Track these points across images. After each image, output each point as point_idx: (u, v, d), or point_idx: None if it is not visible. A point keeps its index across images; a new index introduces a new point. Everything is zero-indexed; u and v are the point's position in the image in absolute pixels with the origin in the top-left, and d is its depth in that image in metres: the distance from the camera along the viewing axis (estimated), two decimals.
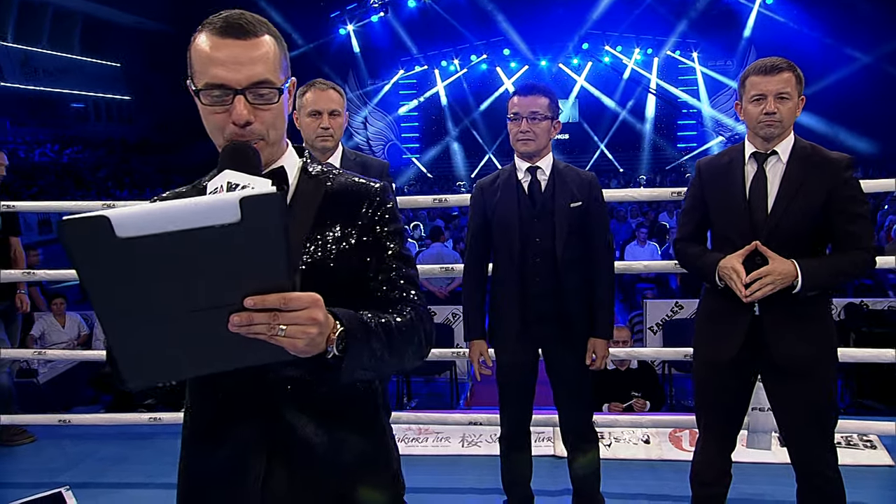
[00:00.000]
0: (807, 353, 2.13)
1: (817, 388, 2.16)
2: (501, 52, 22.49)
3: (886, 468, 3.13)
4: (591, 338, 2.53)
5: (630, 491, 2.99)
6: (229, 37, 1.15)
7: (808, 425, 2.18)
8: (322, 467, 1.24)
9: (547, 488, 2.94)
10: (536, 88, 2.47)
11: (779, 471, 3.03)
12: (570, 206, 2.45)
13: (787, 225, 2.09)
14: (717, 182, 2.23)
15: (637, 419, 3.39)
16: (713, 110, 21.88)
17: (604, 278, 2.53)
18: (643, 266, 3.64)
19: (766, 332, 2.14)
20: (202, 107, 1.18)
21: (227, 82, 1.14)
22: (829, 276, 2.09)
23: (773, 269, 2.03)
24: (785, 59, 2.12)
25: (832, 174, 2.08)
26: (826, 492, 2.21)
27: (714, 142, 21.67)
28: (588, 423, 2.63)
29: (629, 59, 22.06)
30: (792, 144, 2.14)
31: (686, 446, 3.31)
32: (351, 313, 1.10)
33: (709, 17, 20.19)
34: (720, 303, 2.22)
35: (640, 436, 3.39)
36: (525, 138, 2.43)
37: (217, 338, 0.98)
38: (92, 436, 3.77)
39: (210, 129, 1.20)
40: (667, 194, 3.05)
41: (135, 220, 0.89)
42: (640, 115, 22.84)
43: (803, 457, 2.22)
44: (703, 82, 21.92)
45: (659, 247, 8.68)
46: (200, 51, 1.17)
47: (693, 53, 21.65)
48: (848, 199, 2.08)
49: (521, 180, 2.50)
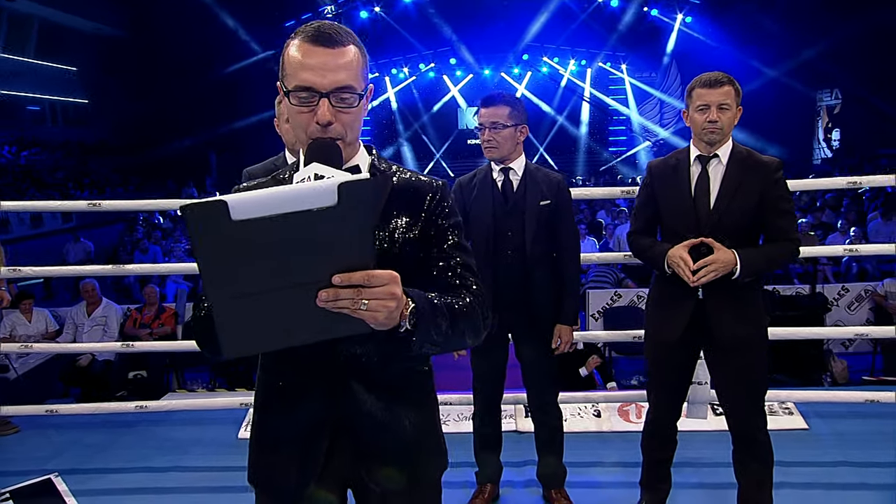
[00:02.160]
0: (743, 332, 2.28)
1: (752, 363, 2.31)
2: (448, 61, 22.53)
3: (802, 431, 3.36)
4: (558, 324, 2.61)
5: (585, 460, 3.12)
6: (319, 45, 1.20)
7: (745, 395, 2.33)
8: (383, 439, 1.29)
9: (513, 460, 3.04)
10: (496, 99, 2.52)
11: (714, 436, 3.22)
12: (539, 205, 2.52)
13: (727, 220, 2.23)
14: (666, 181, 2.35)
15: (590, 395, 3.53)
16: (640, 117, 22.47)
17: (570, 271, 2.62)
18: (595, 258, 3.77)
19: (708, 315, 2.27)
20: (290, 106, 1.23)
21: (315, 86, 1.19)
22: (763, 264, 2.24)
23: (717, 258, 2.17)
24: (726, 74, 2.27)
25: (765, 175, 2.23)
26: (757, 452, 2.37)
27: (641, 146, 22.26)
28: (554, 401, 2.73)
29: (565, 69, 22.43)
30: (731, 149, 2.28)
31: (633, 419, 3.47)
32: (421, 293, 1.15)
33: (636, 33, 20.71)
34: (668, 289, 2.35)
35: (592, 410, 3.54)
36: (489, 146, 2.51)
37: (304, 312, 1.03)
38: (75, 425, 3.68)
39: (294, 127, 1.24)
40: (617, 193, 3.18)
41: (247, 203, 0.94)
42: (576, 120, 23.27)
43: (739, 422, 2.37)
44: (632, 92, 22.49)
45: (597, 241, 8.91)
46: (293, 56, 1.22)
47: (622, 65, 22.18)
48: (777, 198, 2.23)
49: (495, 179, 2.57)
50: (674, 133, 21.37)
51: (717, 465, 2.96)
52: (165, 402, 3.52)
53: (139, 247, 10.63)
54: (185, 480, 3.08)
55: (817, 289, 6.76)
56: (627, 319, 6.24)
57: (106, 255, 11.95)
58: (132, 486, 3.05)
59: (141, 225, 13.12)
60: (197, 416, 3.69)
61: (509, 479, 2.93)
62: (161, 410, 3.50)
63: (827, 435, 3.30)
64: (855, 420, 3.40)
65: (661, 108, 22.19)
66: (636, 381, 6.12)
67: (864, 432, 3.28)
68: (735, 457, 2.43)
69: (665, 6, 19.67)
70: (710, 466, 2.99)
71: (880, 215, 9.80)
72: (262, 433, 1.35)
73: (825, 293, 6.88)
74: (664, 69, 21.70)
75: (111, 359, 6.13)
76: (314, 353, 1.22)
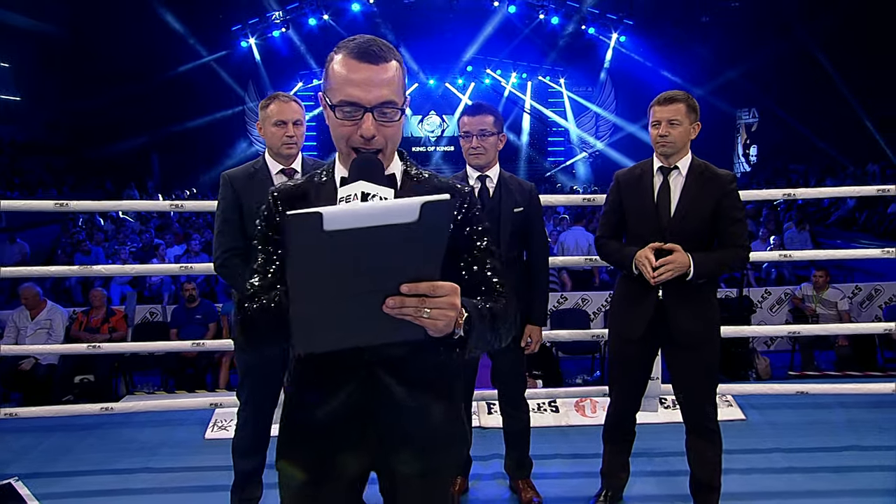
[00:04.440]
0: (698, 329, 2.42)
1: (706, 357, 2.46)
2: None
3: (740, 421, 3.58)
4: (528, 324, 2.68)
5: (546, 453, 3.21)
6: (364, 61, 1.23)
7: (699, 387, 2.48)
8: (410, 428, 1.34)
9: (479, 454, 3.11)
10: (483, 108, 2.59)
11: (664, 428, 3.39)
12: (513, 212, 2.58)
13: (686, 226, 2.37)
14: (631, 190, 2.48)
15: (549, 391, 3.64)
16: (578, 129, 23.10)
17: (541, 274, 2.70)
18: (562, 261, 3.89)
19: (668, 313, 2.41)
20: (334, 119, 1.26)
21: (360, 101, 1.23)
22: (714, 267, 2.38)
23: (674, 259, 2.30)
24: (682, 92, 2.41)
25: (720, 186, 2.38)
26: (709, 439, 2.52)
27: (579, 157, 22.85)
28: (524, 397, 2.81)
29: (507, 81, 22.83)
30: (690, 162, 2.42)
31: (589, 413, 3.61)
32: (472, 301, 1.21)
33: (574, 50, 21.28)
34: (632, 288, 2.48)
35: (550, 406, 3.65)
36: (476, 153, 2.56)
37: (371, 316, 1.10)
38: (32, 429, 3.51)
39: (336, 137, 1.27)
40: (578, 200, 3.30)
41: (339, 216, 1.01)
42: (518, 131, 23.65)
43: (693, 412, 2.52)
44: (570, 105, 23.08)
45: None
46: (338, 72, 1.24)
47: (561, 80, 22.73)
48: (731, 207, 2.38)
49: (472, 186, 2.57)
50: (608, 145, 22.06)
51: (668, 454, 3.12)
52: (133, 404, 3.41)
53: (80, 248, 10.15)
54: (155, 482, 3.01)
55: (744, 292, 7.18)
56: (572, 321, 6.45)
57: (42, 256, 11.34)
58: (100, 489, 2.94)
59: (81, 227, 12.51)
60: (160, 417, 3.60)
61: (477, 473, 3.00)
62: (126, 412, 3.39)
63: (762, 424, 3.53)
64: (786, 411, 3.64)
65: (597, 122, 22.84)
66: (580, 380, 6.32)
67: (795, 422, 3.52)
68: (689, 445, 2.57)
69: (601, 25, 20.32)
70: (662, 456, 3.14)
71: (794, 225, 10.45)
72: (295, 418, 1.38)
73: (751, 296, 7.30)
74: (600, 84, 22.36)
75: (55, 363, 5.87)
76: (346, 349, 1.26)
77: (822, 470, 3.04)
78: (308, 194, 1.34)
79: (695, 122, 2.42)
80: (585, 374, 6.46)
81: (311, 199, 1.33)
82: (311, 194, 1.34)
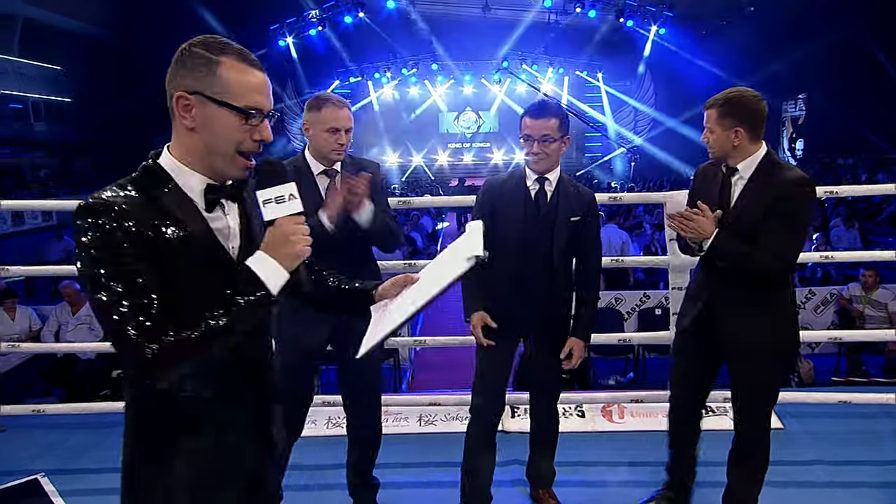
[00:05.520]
0: (746, 335, 2.29)
1: (755, 369, 2.31)
2: (430, 66, 22.53)
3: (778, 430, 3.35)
4: (572, 337, 2.50)
5: (571, 460, 3.09)
6: (257, 68, 1.28)
7: (746, 400, 2.37)
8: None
9: (500, 459, 2.96)
10: (547, 110, 2.37)
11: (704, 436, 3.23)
12: (569, 220, 2.44)
13: (741, 232, 2.21)
14: (702, 186, 2.39)
15: (575, 396, 3.51)
16: (616, 125, 22.68)
17: (591, 287, 2.54)
18: None
19: (716, 313, 2.32)
20: (228, 122, 1.25)
21: (263, 107, 1.27)
22: (738, 256, 2.19)
23: (697, 219, 2.20)
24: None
25: (777, 189, 2.15)
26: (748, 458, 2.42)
27: (616, 152, 22.47)
28: (555, 406, 2.72)
29: (543, 77, 22.57)
30: (756, 163, 2.22)
31: (616, 419, 3.46)
32: None
33: (612, 44, 20.90)
34: (692, 281, 2.49)
35: (577, 411, 3.52)
36: (538, 159, 2.38)
37: None
38: (60, 425, 3.56)
39: (222, 140, 1.27)
40: (604, 199, 3.18)
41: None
42: None
43: (738, 425, 2.41)
44: (607, 100, 22.69)
45: None
46: (237, 76, 1.25)
47: (598, 74, 22.38)
48: (779, 211, 2.17)
49: (529, 188, 2.46)
50: (647, 140, 21.59)
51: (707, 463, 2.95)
52: None
53: None
54: None
55: None
56: (604, 321, 6.27)
57: None
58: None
59: None
60: None
61: (496, 479, 2.89)
62: None
63: (802, 434, 3.33)
64: (827, 420, 3.43)
65: (636, 116, 22.41)
66: (613, 381, 6.15)
67: (837, 432, 3.31)
68: (730, 455, 2.47)
69: (640, 18, 19.87)
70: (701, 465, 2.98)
71: (842, 222, 9.98)
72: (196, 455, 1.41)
73: None
74: (639, 78, 21.94)
75: (93, 358, 5.99)
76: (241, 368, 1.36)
77: (865, 485, 2.85)
78: (161, 205, 1.23)
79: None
80: (618, 376, 6.27)
81: (167, 210, 1.23)
82: (168, 205, 1.24)
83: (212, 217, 1.29)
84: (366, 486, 2.69)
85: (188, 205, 1.26)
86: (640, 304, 6.65)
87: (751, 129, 2.18)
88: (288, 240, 1.23)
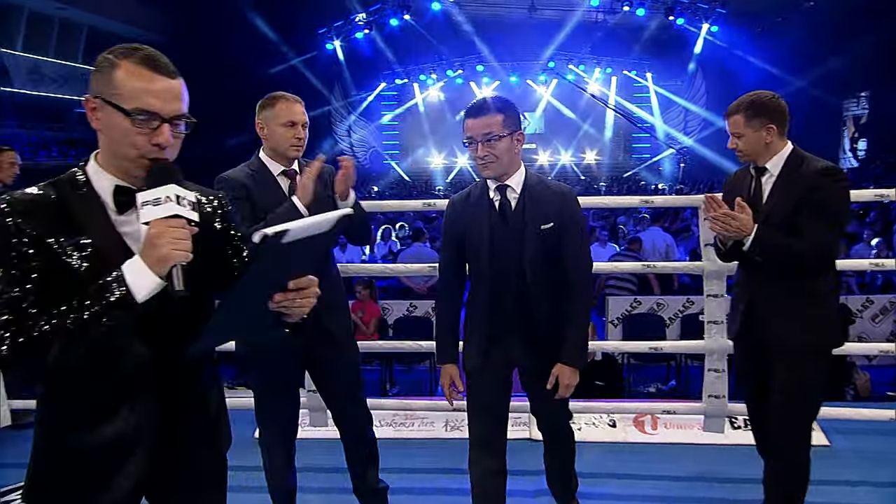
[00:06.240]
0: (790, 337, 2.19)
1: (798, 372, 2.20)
2: (475, 67, 22.49)
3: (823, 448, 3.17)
4: (558, 363, 2.18)
5: (598, 471, 3.00)
6: (160, 73, 1.26)
7: (785, 406, 2.23)
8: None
9: (525, 469, 2.86)
10: (486, 107, 2.10)
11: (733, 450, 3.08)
12: (540, 229, 2.13)
13: (774, 217, 2.18)
14: (734, 189, 2.34)
15: (605, 405, 3.40)
16: (665, 125, 22.13)
17: (576, 302, 2.20)
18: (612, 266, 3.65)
19: (759, 314, 2.25)
20: (124, 125, 1.24)
21: (160, 111, 1.25)
22: (778, 248, 2.15)
23: (738, 216, 2.14)
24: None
25: (807, 179, 2.16)
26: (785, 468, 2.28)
27: (665, 153, 21.91)
28: (565, 425, 2.48)
29: (590, 77, 22.22)
30: (783, 160, 2.22)
31: (648, 430, 3.33)
32: None
33: (661, 42, 20.41)
34: (737, 284, 2.39)
35: (607, 420, 3.41)
36: (485, 163, 2.10)
37: (258, 310, 1.25)
38: None
39: (122, 143, 1.26)
40: (636, 201, 3.06)
41: (296, 230, 1.12)
42: (600, 128, 23.03)
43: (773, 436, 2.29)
44: (656, 100, 22.16)
45: (617, 247, 8.72)
46: (131, 80, 1.24)
47: (647, 74, 21.88)
48: (811, 201, 2.14)
49: (492, 199, 2.19)
50: (697, 141, 20.98)
51: (737, 480, 2.81)
52: None
53: None
54: None
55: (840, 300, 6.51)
56: (645, 327, 6.07)
57: None
58: None
59: None
60: None
61: (521, 489, 2.81)
62: None
63: (848, 452, 3.12)
64: (878, 437, 3.21)
65: (686, 117, 21.83)
66: (654, 389, 5.96)
67: (887, 451, 3.10)
68: (765, 471, 2.35)
69: (691, 15, 19.32)
70: (731, 482, 2.84)
71: None
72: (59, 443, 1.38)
73: (849, 304, 6.62)
74: (689, 77, 21.36)
75: None
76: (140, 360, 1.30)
77: None
78: (68, 206, 1.25)
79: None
80: (659, 383, 6.08)
81: (72, 211, 1.25)
82: (75, 206, 1.25)
83: (122, 220, 1.28)
84: (371, 491, 2.61)
85: (98, 207, 1.27)
86: (684, 309, 6.41)
87: (780, 126, 2.20)
88: (154, 243, 1.18)
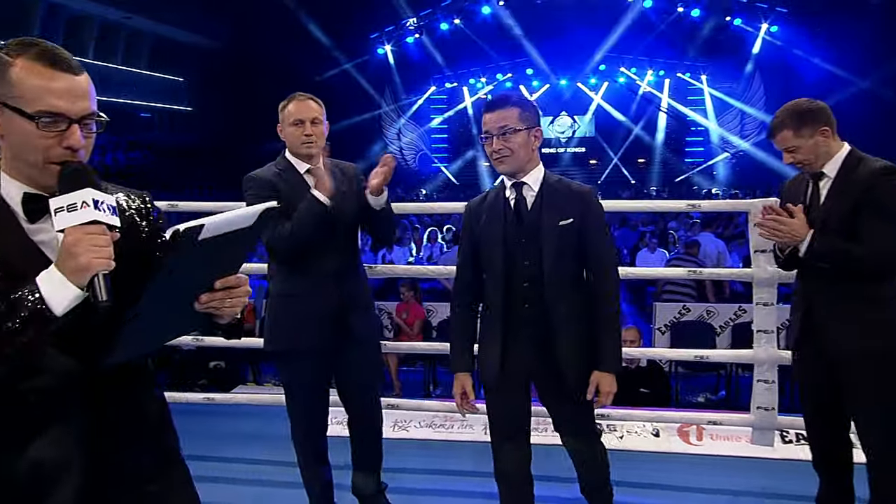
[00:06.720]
0: (852, 341, 2.09)
1: (868, 379, 2.10)
2: (524, 71, 22.38)
3: None
4: (595, 371, 2.08)
5: (638, 481, 2.91)
6: (62, 70, 1.15)
7: (862, 414, 2.15)
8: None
9: (557, 475, 2.76)
10: (502, 101, 2.09)
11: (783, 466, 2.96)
12: (559, 225, 2.05)
13: (832, 220, 2.11)
14: (790, 195, 2.30)
15: (648, 414, 3.31)
16: (720, 128, 21.49)
17: (606, 305, 2.10)
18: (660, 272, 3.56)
19: (818, 320, 2.17)
20: (28, 130, 1.14)
21: (66, 112, 1.15)
22: (838, 254, 2.07)
23: (790, 221, 2.09)
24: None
25: (863, 181, 2.09)
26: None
27: (719, 157, 21.27)
28: (593, 444, 2.35)
29: (642, 80, 21.79)
30: (840, 163, 2.14)
31: (693, 441, 3.24)
32: None
33: (716, 43, 19.84)
34: (795, 294, 2.31)
35: (650, 429, 3.33)
36: (500, 157, 2.06)
37: (182, 315, 1.19)
38: None
39: (27, 149, 1.16)
40: (682, 206, 2.99)
41: (212, 226, 1.07)
42: (652, 131, 22.54)
43: (832, 450, 2.25)
44: (711, 102, 21.55)
45: (667, 253, 8.51)
46: (29, 79, 1.13)
47: (702, 76, 21.31)
48: (869, 203, 2.07)
49: (507, 198, 2.13)
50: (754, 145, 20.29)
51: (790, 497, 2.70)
52: (231, 396, 3.58)
53: None
54: (248, 472, 3.13)
55: None
56: (694, 335, 5.90)
57: None
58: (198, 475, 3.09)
59: None
60: (261, 410, 3.73)
61: (555, 495, 2.77)
62: (227, 403, 3.56)
63: None
64: None
65: (742, 119, 21.14)
66: (703, 399, 5.79)
67: None
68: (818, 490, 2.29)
69: (749, 15, 18.72)
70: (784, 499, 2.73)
71: None
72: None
73: None
74: (746, 79, 20.69)
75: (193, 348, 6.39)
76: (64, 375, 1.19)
77: None
78: None
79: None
80: (709, 393, 5.90)
81: None
82: None
83: (36, 228, 1.18)
84: (371, 493, 2.61)
85: (7, 216, 1.18)
86: (735, 318, 6.20)
87: (831, 127, 2.14)
88: (71, 252, 1.07)
